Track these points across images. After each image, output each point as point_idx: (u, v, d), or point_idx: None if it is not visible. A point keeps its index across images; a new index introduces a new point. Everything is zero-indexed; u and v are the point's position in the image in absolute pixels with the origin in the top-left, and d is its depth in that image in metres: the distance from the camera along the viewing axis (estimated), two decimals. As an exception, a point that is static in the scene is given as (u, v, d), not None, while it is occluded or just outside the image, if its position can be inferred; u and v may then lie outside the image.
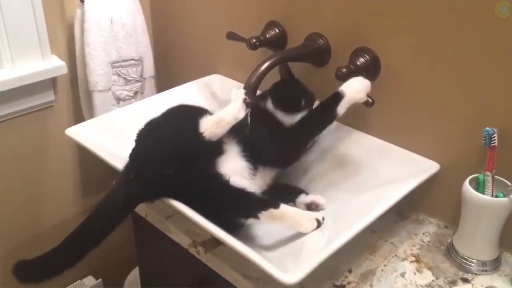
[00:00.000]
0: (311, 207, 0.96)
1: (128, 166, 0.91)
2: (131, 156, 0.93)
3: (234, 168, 0.92)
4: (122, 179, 0.91)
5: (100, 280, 1.63)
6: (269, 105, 1.04)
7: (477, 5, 0.84)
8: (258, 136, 0.98)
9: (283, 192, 0.99)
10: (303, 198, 0.98)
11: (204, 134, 0.89)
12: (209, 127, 0.89)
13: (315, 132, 0.98)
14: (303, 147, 1.00)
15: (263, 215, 0.83)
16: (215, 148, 0.92)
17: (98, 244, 0.85)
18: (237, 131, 0.94)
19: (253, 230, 0.90)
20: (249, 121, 0.98)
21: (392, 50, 0.98)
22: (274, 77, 1.08)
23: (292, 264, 0.78)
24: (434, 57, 0.92)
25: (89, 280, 1.61)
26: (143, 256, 1.24)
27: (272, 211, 0.83)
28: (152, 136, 0.94)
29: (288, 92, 1.07)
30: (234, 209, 0.85)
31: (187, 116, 0.97)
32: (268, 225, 0.86)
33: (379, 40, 0.99)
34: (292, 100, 1.05)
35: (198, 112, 0.95)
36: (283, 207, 0.84)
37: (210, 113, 0.96)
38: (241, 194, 0.87)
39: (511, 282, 0.85)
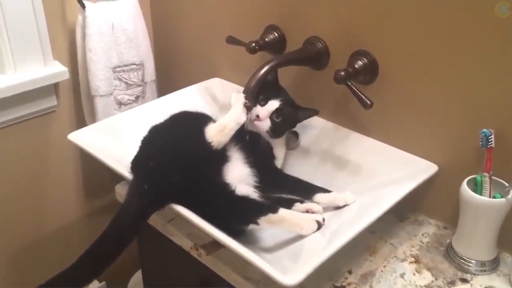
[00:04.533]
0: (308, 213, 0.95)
1: (138, 176, 0.91)
2: (136, 163, 0.93)
3: (240, 175, 0.93)
4: (134, 190, 0.90)
5: (103, 283, 1.64)
6: None
7: (477, 5, 0.84)
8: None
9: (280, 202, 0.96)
10: (298, 207, 0.95)
11: (212, 144, 0.89)
12: (213, 136, 0.90)
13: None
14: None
15: (262, 220, 0.84)
16: (220, 156, 0.92)
17: (116, 258, 0.84)
18: (239, 137, 0.95)
19: (254, 233, 0.90)
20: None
21: (390, 52, 0.99)
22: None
23: (292, 266, 0.78)
24: (432, 59, 0.93)
25: (93, 283, 1.61)
26: (146, 259, 1.25)
27: (270, 216, 0.84)
28: (159, 144, 0.94)
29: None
30: (234, 217, 0.86)
31: (191, 123, 0.97)
32: (269, 229, 0.87)
33: (377, 43, 1.00)
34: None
35: (202, 119, 0.96)
36: (282, 211, 0.85)
37: (213, 120, 0.97)
38: (240, 201, 0.88)
39: (509, 282, 0.86)
